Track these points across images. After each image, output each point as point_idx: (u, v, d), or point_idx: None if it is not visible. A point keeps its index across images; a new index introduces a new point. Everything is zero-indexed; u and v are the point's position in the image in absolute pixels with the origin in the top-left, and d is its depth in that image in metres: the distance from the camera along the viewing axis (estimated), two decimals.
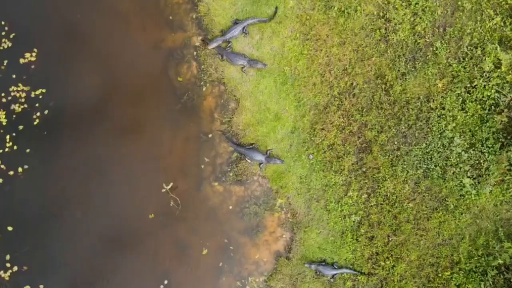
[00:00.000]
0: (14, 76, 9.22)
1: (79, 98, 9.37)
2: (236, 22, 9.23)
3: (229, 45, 9.26)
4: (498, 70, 8.66)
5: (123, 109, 9.49)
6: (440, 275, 8.93)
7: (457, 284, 8.84)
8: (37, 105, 9.22)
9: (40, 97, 9.24)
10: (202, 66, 9.48)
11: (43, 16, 9.48)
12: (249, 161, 9.16)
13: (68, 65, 9.43)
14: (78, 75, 9.43)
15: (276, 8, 9.27)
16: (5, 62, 9.24)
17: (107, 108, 9.46)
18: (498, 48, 8.69)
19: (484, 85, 8.73)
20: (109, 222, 9.24)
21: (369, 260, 9.09)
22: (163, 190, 9.20)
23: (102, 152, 9.32)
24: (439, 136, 8.87)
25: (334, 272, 8.94)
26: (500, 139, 8.64)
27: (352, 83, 9.17)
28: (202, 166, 9.41)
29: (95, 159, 9.29)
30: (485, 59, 8.70)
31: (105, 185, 9.26)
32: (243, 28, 9.14)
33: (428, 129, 8.93)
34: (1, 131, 9.11)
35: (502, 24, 8.81)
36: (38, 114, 9.19)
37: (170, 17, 9.61)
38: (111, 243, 9.28)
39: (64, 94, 9.31)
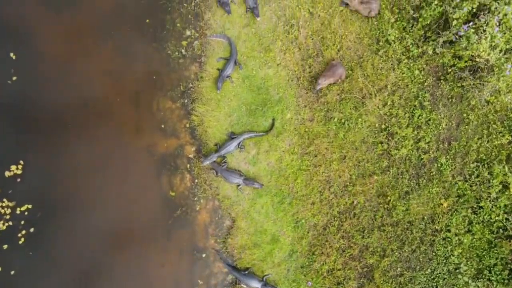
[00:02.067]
0: None
1: (68, 213, 8.94)
2: (231, 137, 8.81)
3: (224, 160, 8.85)
4: (507, 192, 8.26)
5: (113, 222, 9.04)
6: None
7: None
8: (22, 222, 8.79)
9: (26, 213, 8.81)
10: (196, 180, 9.06)
11: (29, 127, 9.05)
12: (244, 287, 8.72)
13: (55, 178, 9.00)
14: (65, 189, 8.99)
15: (273, 120, 8.87)
16: None
17: (97, 222, 9.03)
18: (506, 168, 8.29)
19: (492, 206, 8.33)
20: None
21: None
22: None
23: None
24: (444, 261, 8.46)
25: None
26: (509, 265, 8.22)
27: (352, 202, 8.75)
28: None
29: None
30: (492, 182, 8.29)
31: None
32: (239, 143, 8.73)
33: (433, 254, 8.51)
34: None
35: (510, 138, 8.44)
36: (23, 232, 8.77)
37: (163, 126, 9.17)
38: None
39: (51, 210, 8.88)
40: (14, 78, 9.02)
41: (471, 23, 7.91)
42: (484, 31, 7.84)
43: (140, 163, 9.25)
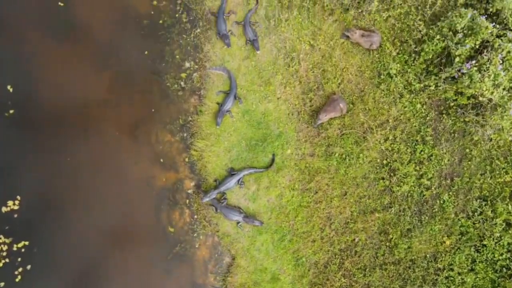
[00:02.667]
0: None
1: (66, 250, 8.83)
2: (231, 173, 8.69)
3: (223, 197, 8.73)
4: (510, 230, 8.15)
5: (111, 258, 8.92)
6: None
7: None
8: (19, 259, 8.67)
9: (23, 250, 8.69)
10: (195, 216, 8.95)
11: (26, 162, 8.94)
12: None
13: (54, 213, 8.89)
14: (64, 224, 8.88)
15: (273, 155, 8.76)
16: None
17: (96, 255, 8.91)
18: (510, 206, 8.18)
19: (495, 245, 8.21)
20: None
21: None
22: None
23: None
24: None
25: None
26: None
27: (354, 239, 8.63)
28: None
29: None
30: (496, 220, 8.18)
31: None
32: (239, 180, 8.61)
33: None
34: None
35: None
36: (20, 269, 8.65)
37: (161, 160, 9.06)
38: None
39: (49, 247, 8.76)
40: (11, 111, 8.93)
41: (474, 61, 7.79)
42: (487, 69, 7.72)
43: (138, 196, 9.15)
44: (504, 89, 7.75)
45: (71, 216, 8.84)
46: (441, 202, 8.50)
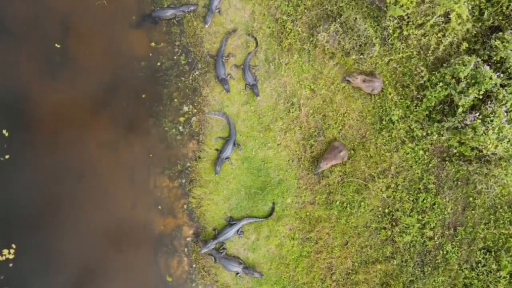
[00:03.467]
0: None
1: None
2: (230, 222, 8.53)
3: (222, 246, 8.56)
4: None
5: None
6: None
7: None
8: None
9: None
10: (194, 265, 8.79)
11: (21, 207, 8.79)
12: None
13: (49, 261, 8.73)
14: (59, 271, 8.73)
15: (273, 204, 8.60)
16: None
17: None
18: None
19: None
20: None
21: None
22: None
23: None
24: None
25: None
26: None
27: None
28: None
29: None
30: (500, 273, 8.03)
31: None
32: (238, 230, 8.45)
33: None
34: None
35: None
36: None
37: (160, 207, 8.90)
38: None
39: None
40: (7, 156, 8.79)
41: (477, 113, 7.64)
42: (491, 121, 7.57)
43: (135, 243, 9.00)
44: (508, 142, 7.59)
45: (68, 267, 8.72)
46: (444, 252, 8.34)
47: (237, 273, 8.46)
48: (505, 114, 7.55)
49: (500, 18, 8.14)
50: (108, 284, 8.93)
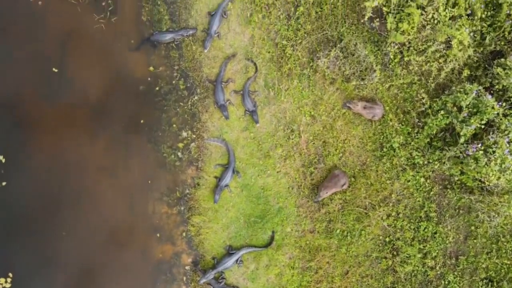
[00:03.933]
0: None
1: None
2: (229, 252, 8.43)
3: (221, 276, 8.47)
4: None
5: None
6: None
7: None
8: None
9: None
10: None
11: (19, 236, 8.70)
12: None
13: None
14: None
15: (273, 232, 8.51)
16: None
17: None
18: None
19: None
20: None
21: None
22: None
23: None
24: None
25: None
26: None
27: None
28: None
29: None
30: None
31: None
32: (237, 259, 8.36)
33: None
34: None
35: None
36: None
37: (158, 235, 8.81)
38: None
39: None
40: (4, 183, 8.70)
41: (480, 144, 7.54)
42: (494, 152, 7.48)
43: (133, 271, 8.90)
44: (511, 174, 7.50)
45: None
46: (446, 282, 8.26)
47: None
48: (508, 144, 7.46)
49: (502, 43, 8.06)
50: None
